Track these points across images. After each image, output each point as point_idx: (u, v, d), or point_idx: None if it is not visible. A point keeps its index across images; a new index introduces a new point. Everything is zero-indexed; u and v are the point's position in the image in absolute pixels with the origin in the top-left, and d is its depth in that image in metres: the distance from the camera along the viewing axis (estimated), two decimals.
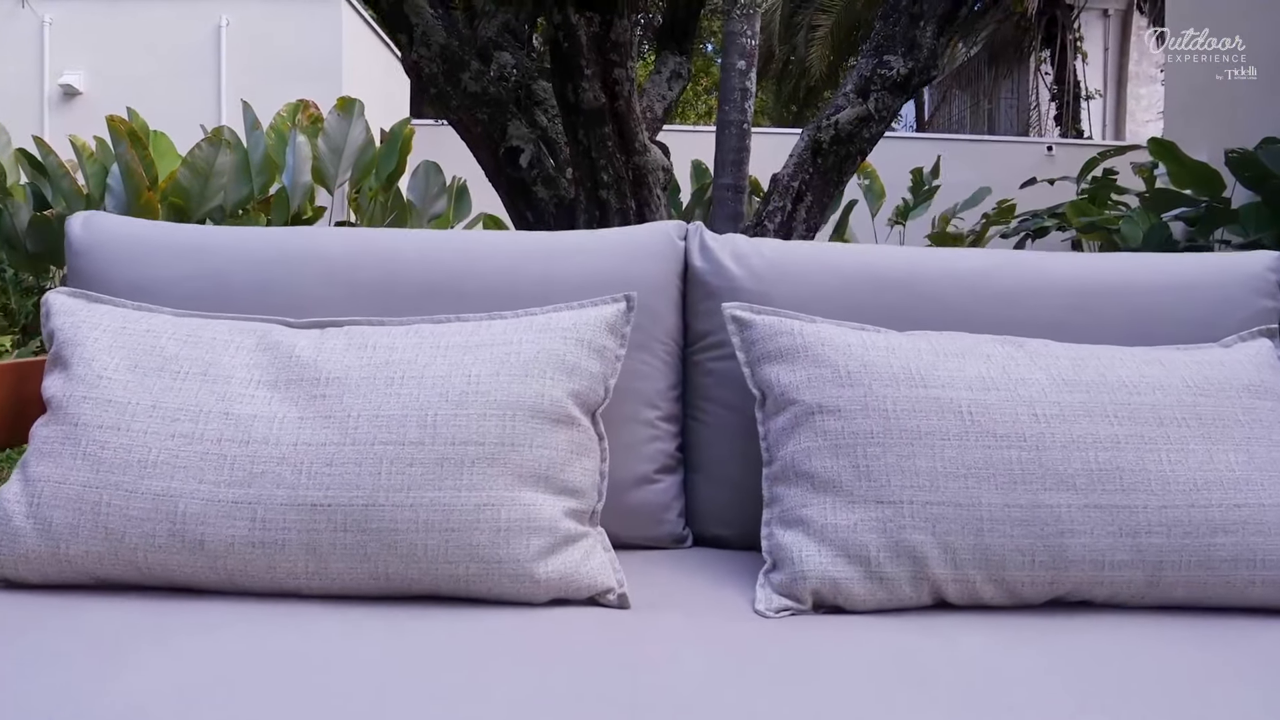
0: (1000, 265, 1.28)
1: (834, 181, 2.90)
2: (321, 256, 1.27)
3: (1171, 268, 1.32)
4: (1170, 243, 6.83)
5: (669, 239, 1.29)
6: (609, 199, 2.63)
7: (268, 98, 6.22)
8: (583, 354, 1.09)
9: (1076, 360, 1.09)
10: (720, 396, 1.25)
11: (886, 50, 2.96)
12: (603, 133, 2.58)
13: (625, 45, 2.54)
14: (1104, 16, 14.07)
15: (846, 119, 2.83)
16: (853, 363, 1.07)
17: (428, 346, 1.07)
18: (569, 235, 1.30)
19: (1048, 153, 9.95)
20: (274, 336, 1.10)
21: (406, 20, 2.84)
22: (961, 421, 1.02)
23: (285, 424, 1.00)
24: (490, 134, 2.81)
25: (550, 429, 1.03)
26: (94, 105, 6.40)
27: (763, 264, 1.26)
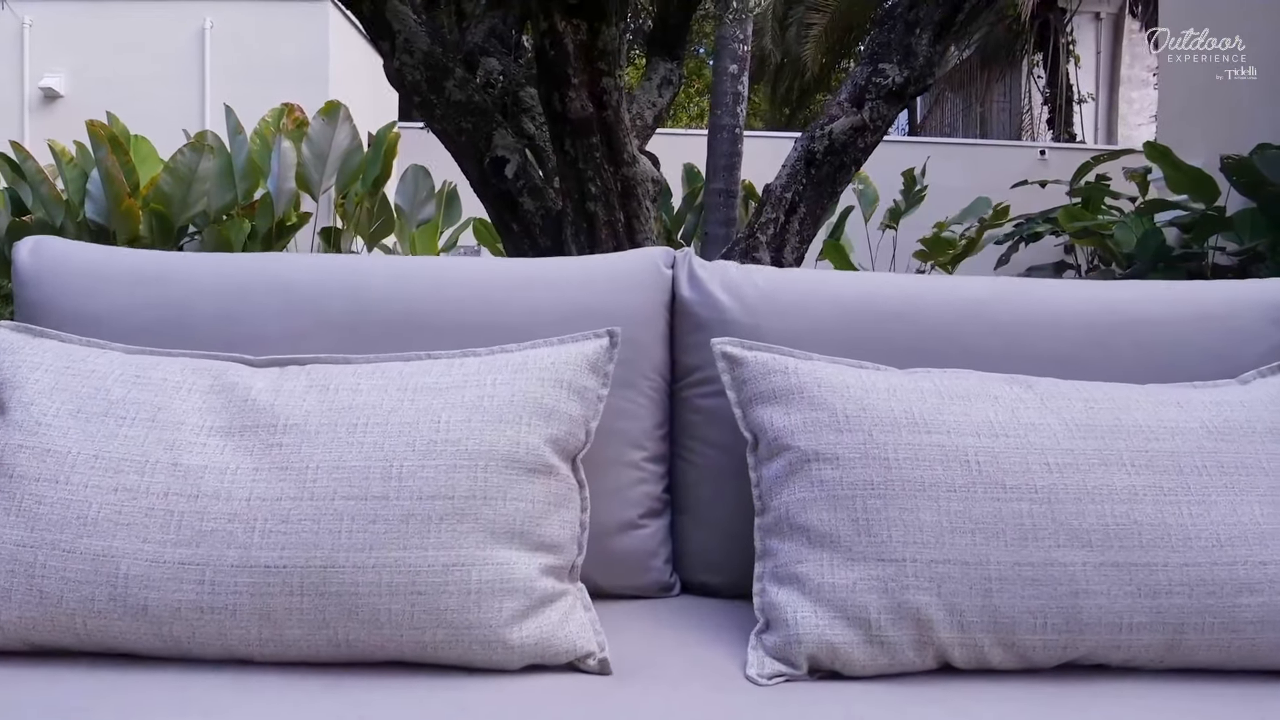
0: (1005, 295, 1.21)
1: (828, 193, 2.83)
2: (286, 286, 1.19)
3: (1185, 297, 1.25)
4: (1164, 249, 6.79)
5: (655, 267, 1.21)
6: (597, 211, 2.55)
7: (253, 101, 6.12)
8: (562, 396, 1.01)
9: (1089, 403, 1.02)
10: (710, 436, 1.17)
11: (882, 58, 2.89)
12: (590, 143, 2.51)
13: (614, 54, 2.47)
14: (1096, 20, 14.06)
15: (841, 128, 2.76)
16: (851, 406, 1.00)
17: (394, 389, 1.00)
18: (549, 264, 1.23)
19: (1040, 157, 9.91)
20: (230, 377, 1.03)
21: (389, 27, 2.75)
22: (968, 472, 0.95)
23: (238, 476, 0.93)
24: (475, 143, 2.73)
25: (526, 479, 0.95)
26: (75, 108, 6.29)
27: (755, 295, 1.18)
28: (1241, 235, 5.96)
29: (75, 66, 6.54)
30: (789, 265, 2.84)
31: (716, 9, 3.69)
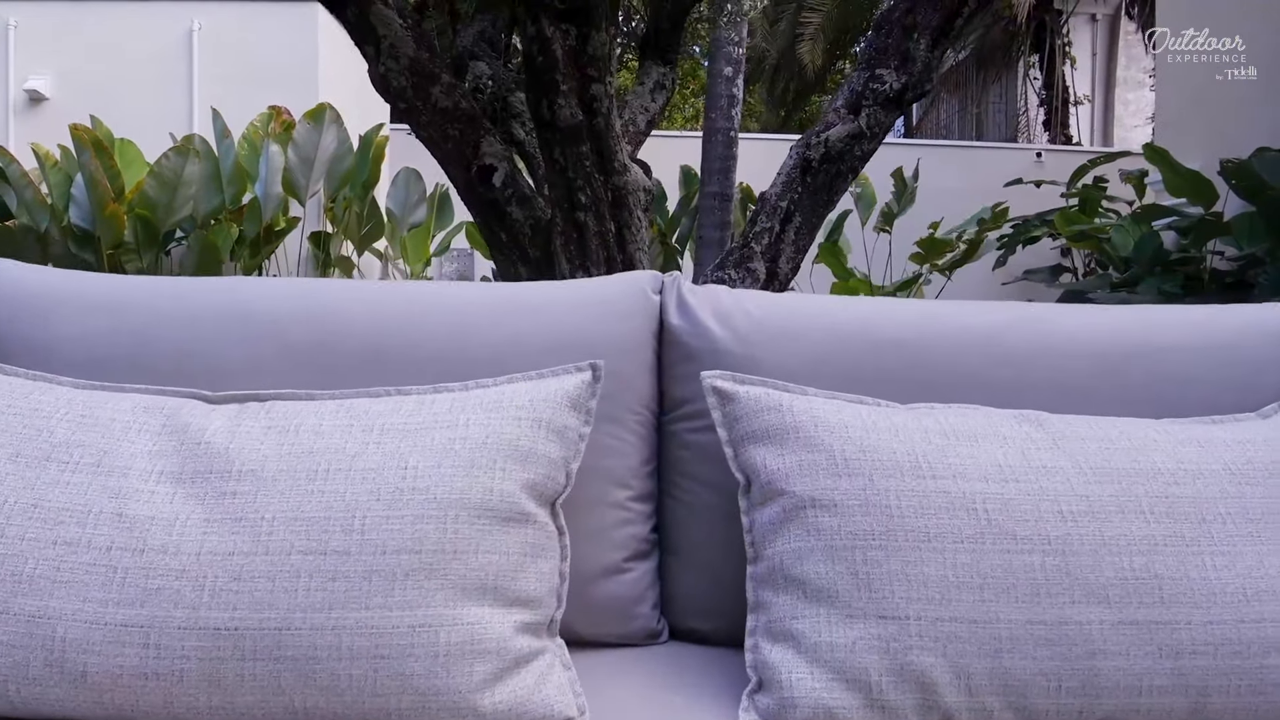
0: (1014, 323, 1.15)
1: (824, 201, 2.77)
2: (249, 314, 1.12)
3: (1200, 324, 1.19)
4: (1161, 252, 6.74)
5: (642, 293, 1.14)
6: (587, 221, 2.49)
7: (241, 103, 6.03)
8: (540, 437, 0.94)
9: (1105, 443, 0.96)
10: (700, 473, 1.11)
11: (879, 64, 2.83)
12: (580, 151, 2.44)
13: (604, 59, 2.40)
14: (1092, 21, 14.02)
15: (837, 136, 2.70)
16: (850, 447, 0.93)
17: (359, 430, 0.93)
18: (528, 289, 1.16)
19: (1037, 159, 9.85)
20: (184, 417, 0.95)
21: (374, 31, 2.68)
22: (976, 521, 0.88)
23: (188, 528, 0.86)
24: (462, 151, 2.66)
25: (499, 530, 0.89)
26: (61, 111, 6.19)
27: (748, 323, 1.12)
28: (1240, 240, 5.90)
29: (61, 69, 6.45)
30: (785, 275, 2.78)
31: (710, 13, 3.62)
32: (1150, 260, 6.66)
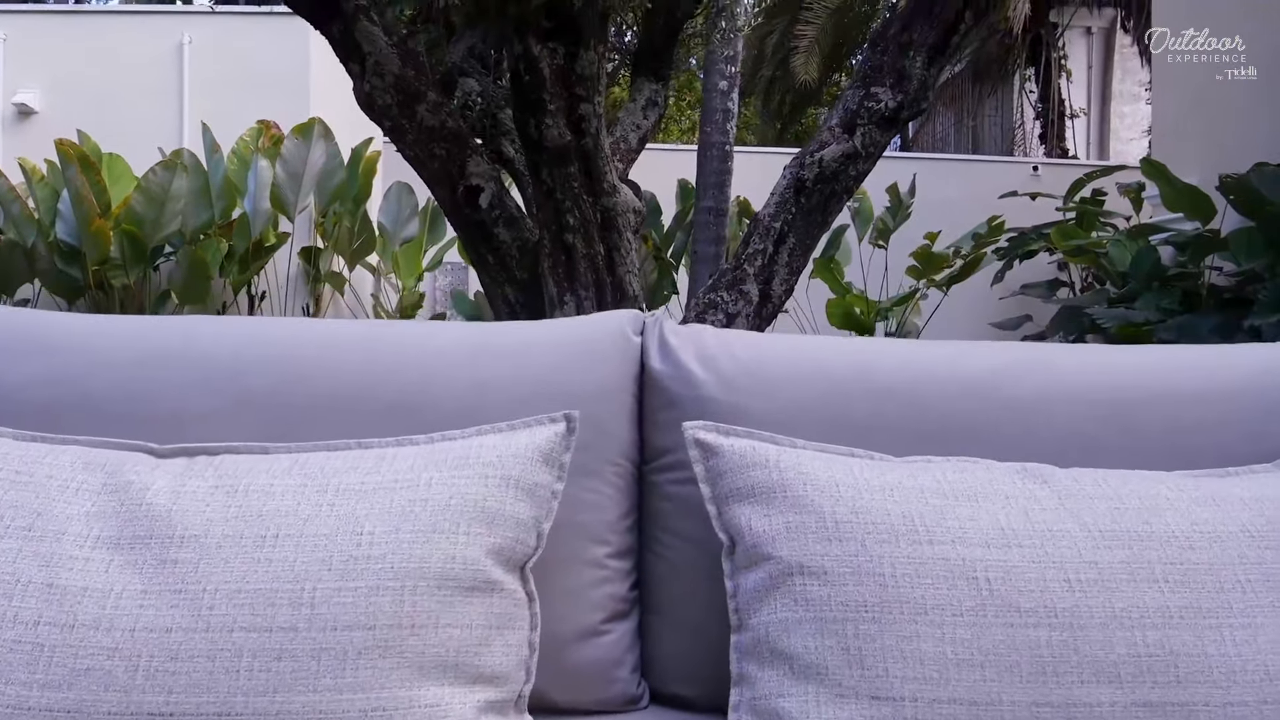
0: (1014, 366, 1.09)
1: (818, 222, 2.71)
2: (204, 357, 1.05)
3: (1211, 367, 1.13)
4: (1159, 268, 6.69)
5: (622, 335, 1.08)
6: (575, 243, 2.43)
7: (232, 117, 5.98)
8: (508, 497, 0.88)
9: (1114, 502, 0.89)
10: (683, 527, 1.04)
11: (874, 81, 2.77)
12: (568, 172, 2.38)
13: (592, 79, 2.34)
14: (1087, 35, 14.03)
15: (831, 156, 2.64)
16: (842, 508, 0.87)
17: (313, 490, 0.86)
18: (501, 333, 1.10)
19: (1034, 172, 9.83)
20: (126, 474, 0.89)
21: (359, 48, 2.63)
22: (977, 592, 0.82)
23: (124, 601, 0.79)
24: (448, 171, 2.60)
25: (462, 600, 0.82)
26: (50, 125, 6.13)
27: (734, 367, 1.05)
28: (1238, 256, 5.86)
29: (50, 82, 6.39)
30: (778, 297, 2.72)
31: (703, 29, 3.57)
32: (1148, 275, 6.61)
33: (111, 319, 1.10)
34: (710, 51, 5.38)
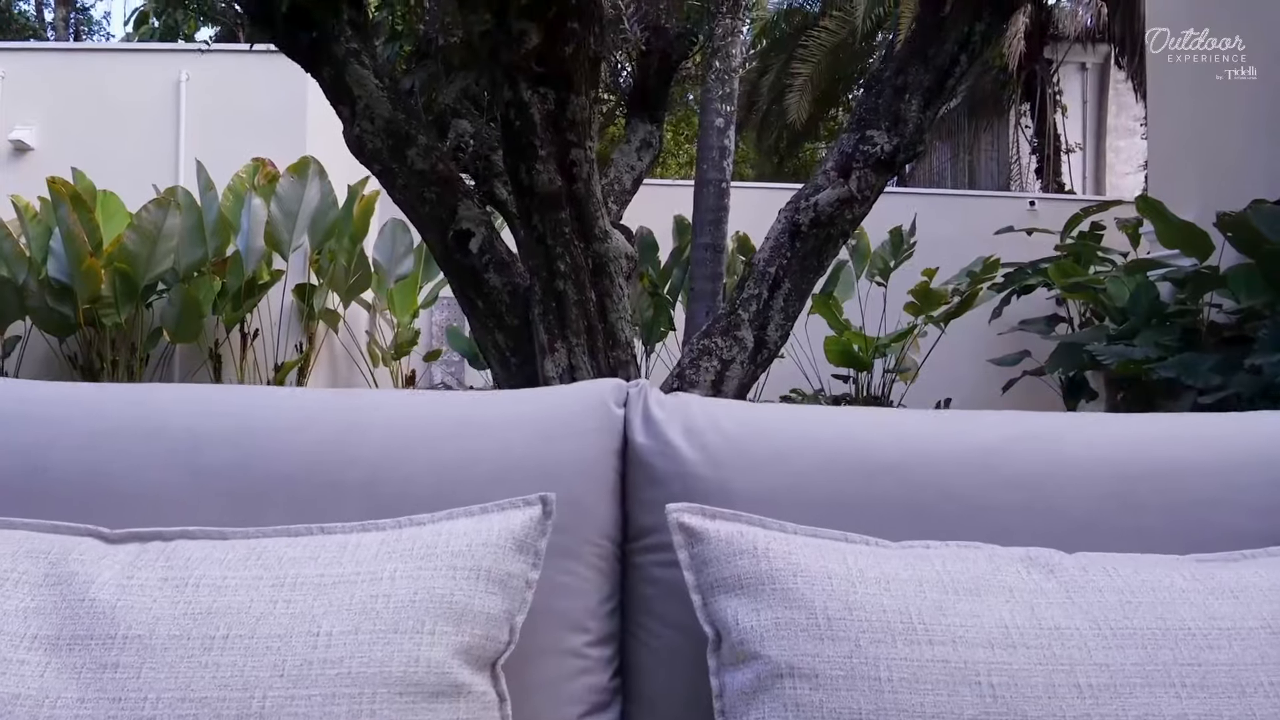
0: (1014, 441, 1.03)
1: (814, 266, 2.67)
2: (162, 429, 1.00)
3: (1226, 437, 1.07)
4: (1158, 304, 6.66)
5: (603, 408, 1.03)
6: (566, 290, 2.38)
7: (228, 154, 5.98)
8: (478, 591, 0.82)
9: (1125, 595, 0.83)
10: (668, 613, 0.98)
11: (870, 125, 2.75)
12: (559, 218, 2.35)
13: (584, 124, 2.32)
14: (1081, 70, 14.15)
15: (827, 200, 2.61)
16: (835, 604, 0.81)
17: (269, 584, 0.80)
18: (475, 405, 1.05)
19: (1030, 207, 9.84)
20: (70, 564, 0.83)
21: (349, 92, 2.61)
22: (980, 697, 0.76)
23: (58, 711, 0.73)
24: (438, 215, 2.57)
25: (426, 707, 0.76)
26: (46, 162, 6.12)
27: (721, 442, 1.00)
28: (1237, 293, 5.83)
29: (47, 119, 6.40)
30: (774, 343, 2.67)
31: (699, 70, 3.56)
32: (1147, 312, 6.58)
33: (63, 386, 1.05)
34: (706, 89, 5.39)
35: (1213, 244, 5.96)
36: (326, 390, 1.08)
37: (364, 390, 1.07)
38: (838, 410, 1.07)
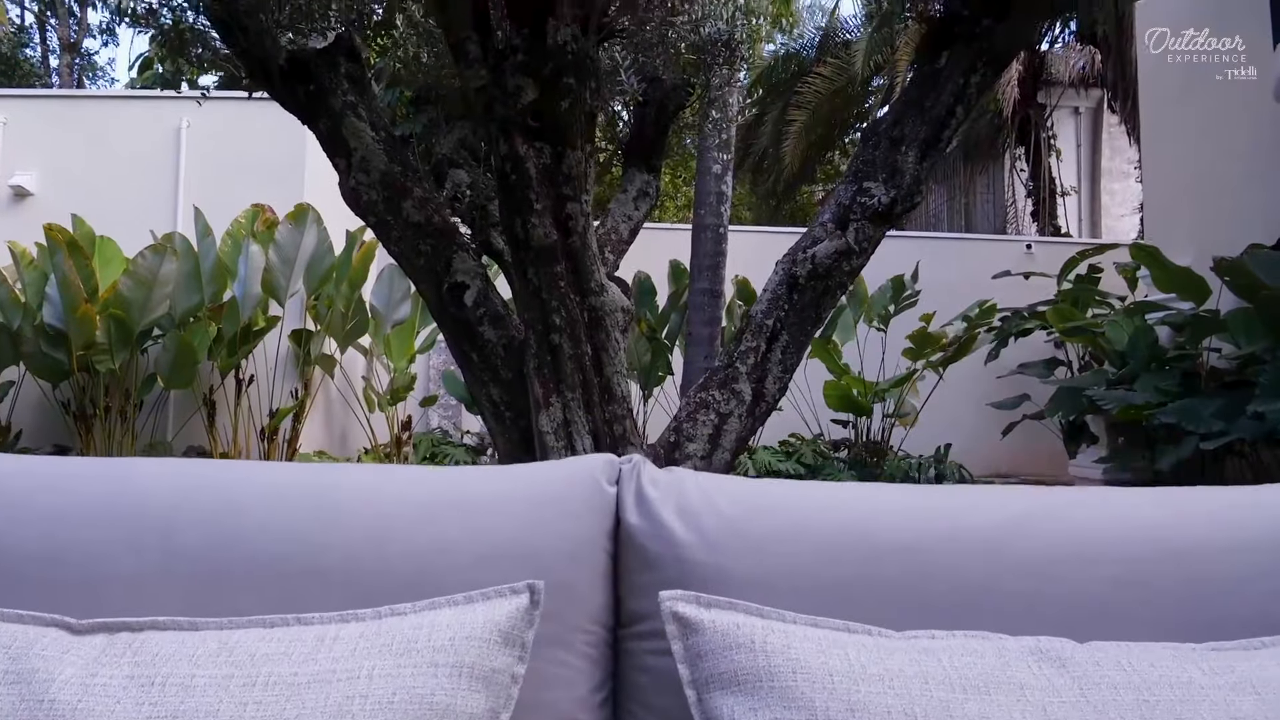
0: (1025, 519, 1.00)
1: (812, 319, 2.65)
2: (136, 507, 0.96)
3: (1233, 513, 1.04)
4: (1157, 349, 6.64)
5: (594, 486, 0.99)
6: (561, 343, 2.36)
7: (228, 200, 6.00)
8: (461, 688, 0.78)
9: (1142, 692, 0.79)
10: (661, 704, 0.93)
11: (867, 176, 2.75)
12: (554, 271, 2.33)
13: (579, 178, 2.31)
14: (1075, 115, 14.30)
15: (824, 252, 2.59)
16: (835, 704, 0.77)
17: (239, 683, 0.76)
18: (461, 483, 1.01)
19: (1027, 250, 9.88)
20: (33, 659, 0.79)
21: (345, 144, 2.61)
22: None
23: None
24: (433, 267, 2.55)
25: None
26: (45, 207, 6.15)
27: (718, 524, 0.96)
28: (1237, 337, 5.82)
29: (47, 164, 6.43)
30: (772, 396, 2.64)
31: (696, 119, 3.58)
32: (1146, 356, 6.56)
33: (33, 460, 1.01)
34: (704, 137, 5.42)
35: (1210, 288, 5.96)
36: (305, 466, 1.04)
37: (346, 466, 1.03)
38: (839, 488, 1.04)
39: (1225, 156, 6.86)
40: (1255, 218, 6.45)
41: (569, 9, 2.25)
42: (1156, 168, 8.06)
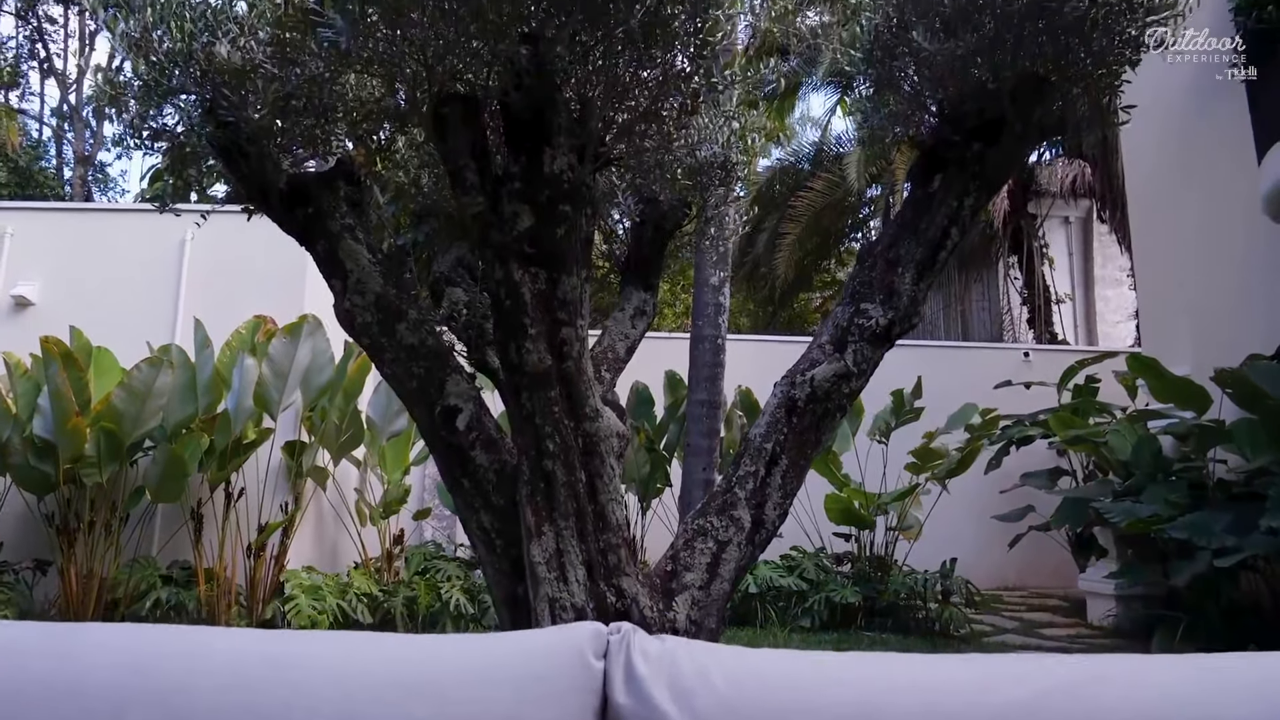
0: (1049, 694, 0.92)
1: (812, 442, 2.59)
2: (83, 689, 0.88)
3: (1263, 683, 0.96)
4: (1162, 459, 6.56)
5: (580, 660, 0.92)
6: (555, 470, 2.29)
7: (230, 310, 6.02)
8: None
9: None
10: None
11: (864, 297, 2.73)
12: (549, 397, 2.28)
13: (575, 303, 2.28)
14: (1065, 224, 14.60)
15: (823, 375, 2.55)
16: None
17: None
18: (435, 653, 0.93)
19: (1024, 358, 9.90)
20: None
21: (341, 266, 2.60)
22: None
23: None
24: (426, 390, 2.50)
25: None
26: (46, 317, 6.18)
27: (713, 704, 0.88)
28: (1243, 448, 5.74)
29: (50, 274, 6.49)
30: (772, 523, 2.55)
31: (693, 237, 3.60)
32: (1151, 466, 6.47)
33: None
34: (701, 252, 5.48)
35: (1211, 397, 5.92)
36: (267, 635, 0.97)
37: (311, 636, 0.96)
38: (844, 660, 0.96)
39: (1218, 267, 6.94)
40: (1252, 327, 6.47)
41: (566, 138, 2.27)
42: (1149, 278, 8.16)
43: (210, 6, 2.48)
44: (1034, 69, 2.63)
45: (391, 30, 2.23)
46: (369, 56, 2.28)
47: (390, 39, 2.24)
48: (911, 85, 2.94)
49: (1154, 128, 7.06)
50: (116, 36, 2.50)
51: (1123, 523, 5.97)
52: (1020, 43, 2.56)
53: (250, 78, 2.47)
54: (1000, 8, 2.49)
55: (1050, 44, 2.57)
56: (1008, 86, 2.66)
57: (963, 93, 2.80)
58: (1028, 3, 2.44)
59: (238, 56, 2.38)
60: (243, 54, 2.44)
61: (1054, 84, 2.70)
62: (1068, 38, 2.57)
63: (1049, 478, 7.70)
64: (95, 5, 2.59)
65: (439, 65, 2.33)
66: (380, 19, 2.21)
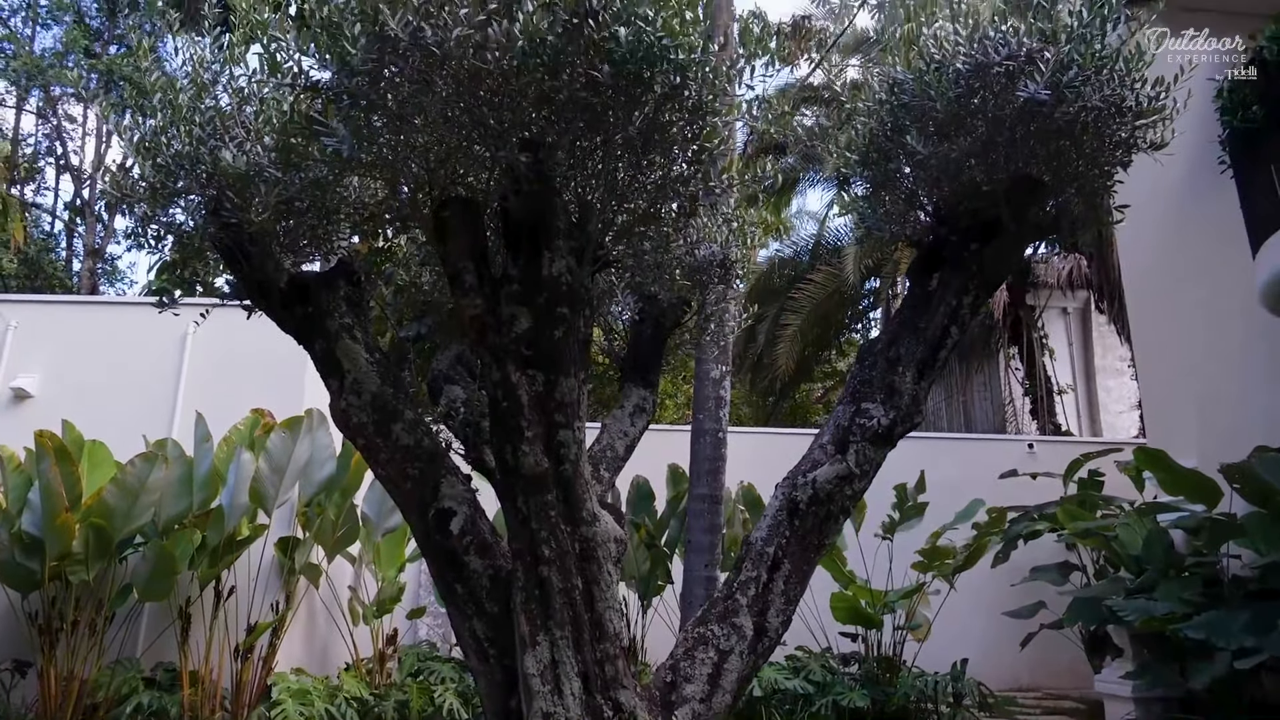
0: None
1: (814, 545, 2.52)
2: None
3: None
4: (1174, 555, 6.42)
5: None
6: (550, 576, 2.22)
7: (231, 403, 6.00)
8: None
9: None
10: None
11: (864, 397, 2.70)
12: (545, 500, 2.23)
13: (572, 405, 2.26)
14: (1064, 315, 14.69)
15: (825, 477, 2.51)
16: None
17: None
18: None
19: (1029, 450, 9.82)
20: None
21: (339, 365, 2.58)
22: None
23: None
24: (420, 492, 2.46)
25: None
26: (45, 410, 6.15)
27: None
28: (1257, 543, 5.62)
29: (50, 367, 6.49)
30: (774, 630, 2.47)
31: (693, 336, 3.60)
32: (1163, 562, 6.33)
33: None
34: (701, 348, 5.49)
35: (1221, 490, 5.83)
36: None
37: None
38: None
39: (1219, 357, 6.94)
40: (1257, 418, 6.43)
41: (565, 241, 2.28)
42: (1150, 368, 8.14)
43: (219, 112, 2.53)
44: (1028, 170, 2.66)
45: (395, 135, 2.26)
46: (371, 160, 2.31)
47: (393, 144, 2.27)
48: (907, 186, 2.98)
49: (1150, 221, 7.16)
50: (126, 140, 2.54)
51: (1137, 621, 5.82)
52: (1013, 145, 2.59)
53: (254, 181, 2.50)
54: (992, 112, 2.53)
55: (1042, 147, 2.61)
56: (1002, 187, 2.69)
57: (958, 193, 2.84)
58: (1019, 108, 2.48)
59: (242, 160, 2.41)
60: (248, 158, 2.47)
61: (1048, 185, 2.73)
62: (1060, 140, 2.60)
63: (1059, 572, 7.53)
64: (107, 110, 2.64)
65: (441, 169, 2.36)
66: (384, 125, 2.24)
